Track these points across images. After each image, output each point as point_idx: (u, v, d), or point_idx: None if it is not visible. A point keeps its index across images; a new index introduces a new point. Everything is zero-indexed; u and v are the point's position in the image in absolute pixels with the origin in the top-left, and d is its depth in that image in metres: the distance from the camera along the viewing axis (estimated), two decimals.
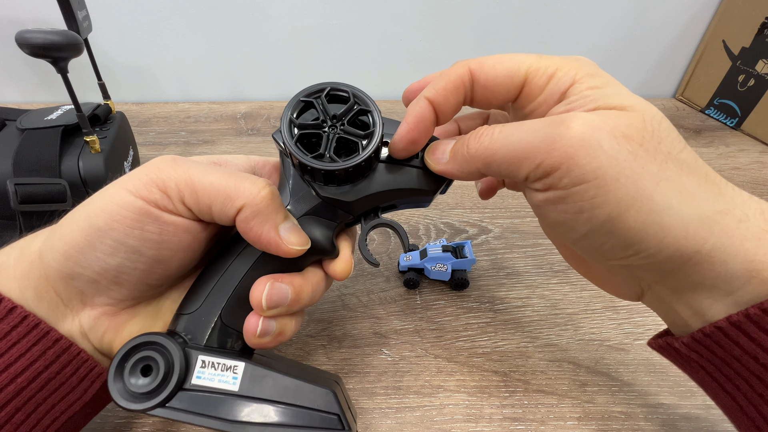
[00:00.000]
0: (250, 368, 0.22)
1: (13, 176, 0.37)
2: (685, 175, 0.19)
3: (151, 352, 0.22)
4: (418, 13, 0.65)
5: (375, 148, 0.23)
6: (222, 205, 0.22)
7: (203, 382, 0.22)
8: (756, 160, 0.58)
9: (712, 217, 0.19)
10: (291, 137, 0.23)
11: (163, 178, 0.22)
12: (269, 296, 0.23)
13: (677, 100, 0.71)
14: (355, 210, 0.25)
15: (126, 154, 0.47)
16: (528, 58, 0.23)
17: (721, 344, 0.20)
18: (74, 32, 0.35)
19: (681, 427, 0.30)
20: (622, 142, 0.19)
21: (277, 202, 0.23)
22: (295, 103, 0.23)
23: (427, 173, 0.25)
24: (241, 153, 0.57)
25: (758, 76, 0.60)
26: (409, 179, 0.25)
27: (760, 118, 0.61)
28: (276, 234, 0.22)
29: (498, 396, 0.32)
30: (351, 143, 0.23)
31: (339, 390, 0.25)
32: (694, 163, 0.20)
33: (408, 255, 0.39)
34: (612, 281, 0.25)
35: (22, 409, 0.21)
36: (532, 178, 0.21)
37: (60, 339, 0.22)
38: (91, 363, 0.23)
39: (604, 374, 0.33)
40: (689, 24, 0.67)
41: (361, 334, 0.36)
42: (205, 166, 0.23)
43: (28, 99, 0.68)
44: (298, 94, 0.24)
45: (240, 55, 0.67)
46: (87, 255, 0.21)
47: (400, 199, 0.26)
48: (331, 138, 0.23)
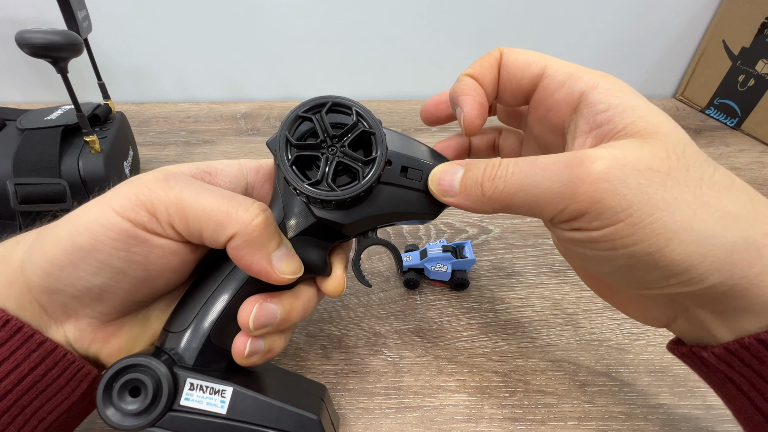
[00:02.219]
0: (238, 393, 0.23)
1: (13, 176, 0.37)
2: (725, 198, 0.18)
3: (139, 375, 0.22)
4: (418, 13, 0.65)
5: (377, 177, 0.22)
6: (213, 231, 0.21)
7: (192, 404, 0.22)
8: (756, 160, 0.58)
9: (759, 240, 0.18)
10: (287, 160, 0.21)
11: (153, 200, 0.21)
12: (257, 317, 0.23)
13: (677, 100, 0.71)
14: (352, 232, 0.25)
15: (126, 154, 0.47)
16: (552, 58, 0.23)
17: (760, 357, 0.19)
18: (74, 32, 0.35)
19: (681, 428, 0.30)
20: (648, 176, 0.18)
21: (270, 230, 0.22)
22: (293, 119, 0.22)
23: (428, 197, 0.24)
24: (240, 153, 0.58)
25: (758, 76, 0.60)
26: (410, 203, 0.24)
27: (760, 118, 0.61)
28: (268, 263, 0.22)
29: (498, 396, 0.32)
30: (351, 167, 0.22)
31: (324, 410, 0.25)
32: (732, 184, 0.19)
33: (408, 255, 0.39)
34: (642, 307, 0.24)
35: (8, 411, 0.20)
36: (558, 220, 0.20)
37: (45, 341, 0.21)
38: (78, 364, 0.22)
39: (605, 374, 0.33)
40: (689, 24, 0.67)
41: (361, 334, 0.36)
42: (198, 187, 0.21)
43: (28, 99, 0.68)
44: (297, 108, 0.22)
45: (240, 55, 0.67)
46: (69, 274, 0.21)
47: (398, 221, 0.25)
48: (330, 161, 0.22)
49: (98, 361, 0.24)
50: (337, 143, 0.22)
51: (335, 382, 0.32)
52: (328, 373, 0.33)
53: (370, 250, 0.43)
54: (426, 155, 0.24)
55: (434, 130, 0.62)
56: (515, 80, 0.23)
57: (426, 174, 0.24)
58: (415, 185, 0.24)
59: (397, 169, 0.24)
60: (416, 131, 0.63)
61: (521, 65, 0.23)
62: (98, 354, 0.24)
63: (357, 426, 0.30)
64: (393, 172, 0.23)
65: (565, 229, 0.20)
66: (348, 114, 0.22)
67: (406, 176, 0.24)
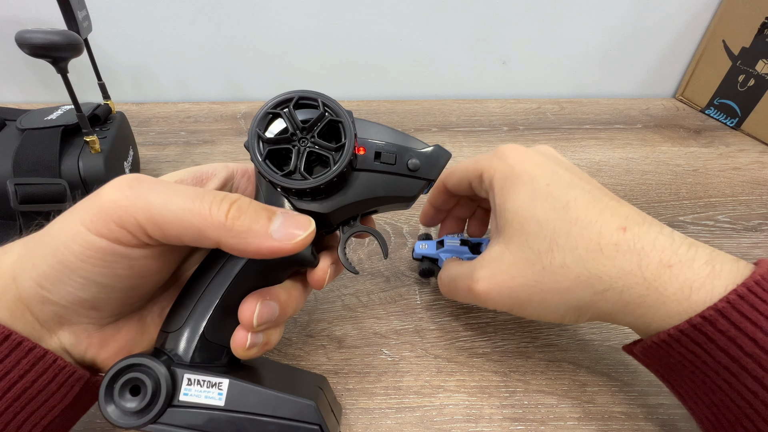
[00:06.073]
0: (234, 384, 0.23)
1: (13, 176, 0.37)
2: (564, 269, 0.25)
3: (138, 374, 0.22)
4: (418, 13, 0.64)
5: (347, 162, 0.22)
6: (194, 240, 0.20)
7: (191, 399, 0.22)
8: (756, 160, 0.58)
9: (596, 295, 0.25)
10: (260, 154, 0.22)
11: (119, 213, 0.19)
12: (260, 315, 0.23)
13: (677, 100, 0.71)
14: (333, 221, 0.25)
15: (126, 154, 0.47)
16: (462, 164, 0.32)
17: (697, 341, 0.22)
18: (74, 32, 0.35)
19: (681, 428, 0.30)
20: (513, 283, 0.27)
21: (250, 213, 0.20)
22: (262, 116, 0.22)
23: (405, 179, 0.25)
24: (240, 153, 0.58)
25: (758, 76, 0.60)
26: (387, 186, 0.25)
27: (760, 118, 0.61)
28: (271, 241, 0.20)
29: (498, 396, 0.32)
30: (323, 156, 0.23)
31: (322, 397, 0.26)
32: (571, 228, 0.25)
33: (423, 243, 0.39)
34: None
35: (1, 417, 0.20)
36: None
37: (34, 348, 0.21)
38: (69, 369, 0.22)
39: (605, 374, 0.33)
40: (689, 24, 0.67)
41: (361, 334, 0.36)
42: (165, 190, 0.20)
43: (28, 99, 0.68)
44: (265, 105, 0.23)
45: (240, 55, 0.67)
46: (58, 288, 0.21)
47: (379, 206, 0.26)
48: (302, 152, 0.22)
49: (95, 366, 0.24)
50: (307, 135, 0.23)
51: (335, 382, 0.32)
52: (328, 373, 0.33)
53: (370, 250, 0.43)
54: (398, 138, 0.25)
55: (434, 130, 0.62)
56: (459, 190, 0.33)
57: (399, 156, 0.25)
58: (390, 169, 0.24)
59: (371, 155, 0.24)
60: (416, 131, 0.63)
61: (456, 182, 0.32)
62: (95, 358, 0.24)
63: (357, 426, 0.30)
64: (367, 159, 0.24)
65: None
66: (315, 106, 0.23)
67: (380, 161, 0.25)
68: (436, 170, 0.26)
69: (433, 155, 0.26)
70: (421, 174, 0.25)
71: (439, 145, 0.26)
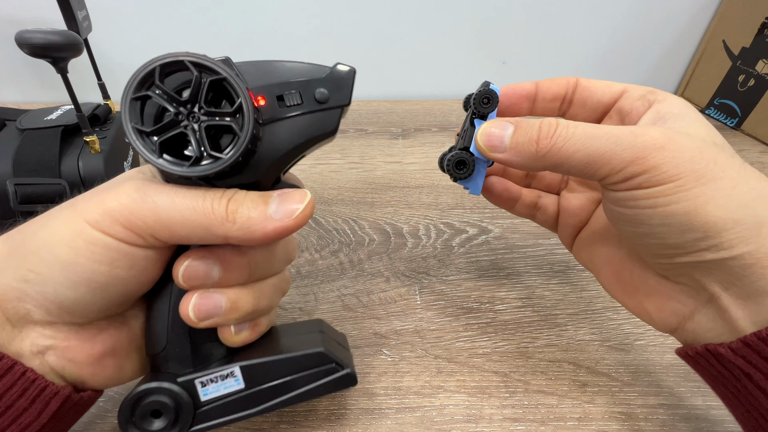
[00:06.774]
0: (245, 367, 0.24)
1: (12, 176, 0.37)
2: (761, 183, 0.21)
3: (152, 399, 0.22)
4: (418, 13, 0.65)
5: (253, 121, 0.19)
6: (202, 238, 0.20)
7: (213, 395, 0.24)
8: (756, 160, 0.58)
9: None
10: (152, 152, 0.19)
11: (127, 216, 0.19)
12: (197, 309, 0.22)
13: None
14: (267, 183, 0.23)
15: (126, 154, 0.47)
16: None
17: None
18: (74, 32, 0.35)
19: (681, 428, 0.30)
20: (701, 152, 0.20)
21: (246, 203, 0.21)
22: (129, 106, 0.19)
23: (319, 114, 0.22)
24: None
25: (758, 76, 0.60)
26: (305, 129, 0.22)
27: (760, 118, 0.61)
28: (274, 222, 0.21)
29: (498, 396, 0.32)
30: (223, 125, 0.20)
31: (326, 338, 0.27)
32: (763, 176, 0.22)
33: None
34: (663, 297, 0.24)
35: None
36: (609, 180, 0.21)
37: (1, 358, 0.19)
38: (40, 382, 0.20)
39: (605, 375, 0.33)
40: (689, 24, 0.67)
41: (361, 334, 0.36)
42: (170, 192, 0.20)
43: (28, 99, 0.68)
44: (126, 90, 0.19)
45: (240, 55, 0.67)
46: (45, 285, 0.20)
47: (305, 151, 0.23)
48: (198, 130, 0.19)
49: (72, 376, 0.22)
50: (194, 108, 0.19)
51: None
52: None
53: (370, 250, 0.43)
54: (295, 72, 0.23)
55: (434, 130, 0.62)
56: (596, 97, 0.26)
57: (303, 92, 0.22)
58: (300, 109, 0.22)
59: (273, 101, 0.22)
60: (416, 131, 0.63)
61: (602, 85, 0.26)
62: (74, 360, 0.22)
63: (357, 426, 0.30)
64: (272, 107, 0.22)
65: (610, 187, 0.22)
66: (187, 69, 0.19)
67: (285, 105, 0.22)
68: (346, 92, 0.23)
69: (336, 77, 0.23)
70: (332, 103, 0.23)
71: (338, 62, 0.23)
